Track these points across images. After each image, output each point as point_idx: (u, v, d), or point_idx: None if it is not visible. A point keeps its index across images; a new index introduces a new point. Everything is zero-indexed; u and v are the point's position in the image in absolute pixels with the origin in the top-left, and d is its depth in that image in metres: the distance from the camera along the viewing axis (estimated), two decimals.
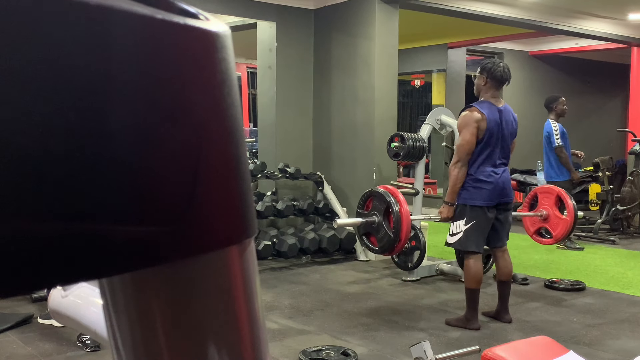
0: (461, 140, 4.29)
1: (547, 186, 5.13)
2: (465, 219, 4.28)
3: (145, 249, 0.27)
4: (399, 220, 4.03)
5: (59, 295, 1.12)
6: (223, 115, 0.30)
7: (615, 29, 9.31)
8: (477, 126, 4.24)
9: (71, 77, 0.25)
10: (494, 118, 4.31)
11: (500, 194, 4.31)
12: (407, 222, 4.05)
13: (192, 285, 0.31)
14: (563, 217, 4.87)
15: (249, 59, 12.08)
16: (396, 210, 4.04)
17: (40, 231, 0.25)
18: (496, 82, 4.40)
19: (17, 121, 0.24)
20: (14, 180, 0.24)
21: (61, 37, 0.25)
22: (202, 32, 0.29)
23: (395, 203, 4.07)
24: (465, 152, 4.25)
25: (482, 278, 4.42)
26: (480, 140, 4.27)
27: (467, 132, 4.25)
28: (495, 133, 4.30)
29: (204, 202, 0.29)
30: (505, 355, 1.91)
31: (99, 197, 0.26)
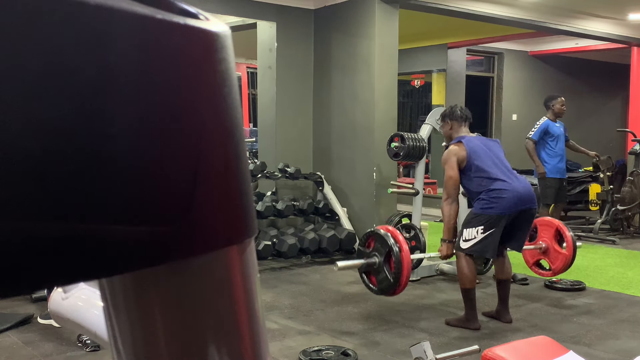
0: (445, 176, 4.42)
1: (547, 219, 5.14)
2: (482, 227, 4.28)
3: (145, 249, 0.27)
4: (399, 265, 4.05)
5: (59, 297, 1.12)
6: (223, 116, 0.30)
7: (615, 29, 9.31)
8: (457, 158, 4.37)
9: (71, 77, 0.25)
10: (472, 141, 4.47)
11: (521, 201, 4.30)
12: (407, 267, 4.07)
13: (192, 285, 0.31)
14: (562, 251, 4.89)
15: (249, 59, 12.08)
16: (397, 255, 4.06)
17: (41, 231, 0.25)
18: (459, 120, 4.63)
19: (17, 121, 0.24)
20: (14, 181, 0.24)
21: (61, 37, 0.25)
22: (202, 32, 0.29)
23: (396, 248, 4.07)
24: (451, 187, 4.36)
25: (475, 277, 4.42)
26: (468, 164, 4.36)
27: (448, 167, 4.38)
28: (480, 149, 4.41)
29: (204, 202, 0.29)
30: (505, 355, 1.91)
31: (99, 197, 0.26)
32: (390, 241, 4.09)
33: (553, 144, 7.40)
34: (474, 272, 4.40)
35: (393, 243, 4.08)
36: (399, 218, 6.09)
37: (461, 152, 4.38)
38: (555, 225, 4.93)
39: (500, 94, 12.51)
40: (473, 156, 4.36)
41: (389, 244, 4.08)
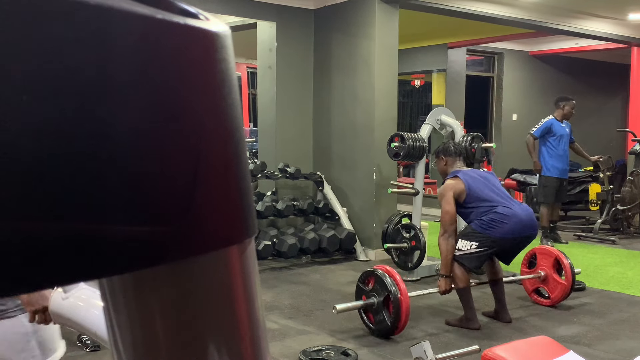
0: (441, 211, 4.42)
1: (545, 247, 5.17)
2: (478, 243, 4.30)
3: (145, 249, 0.27)
4: (398, 309, 4.05)
5: (59, 298, 1.12)
6: (223, 116, 0.30)
7: (615, 29, 9.31)
8: (453, 192, 4.37)
9: (71, 77, 0.25)
10: (468, 174, 4.48)
11: (523, 227, 4.32)
12: (406, 312, 4.07)
13: (192, 285, 0.31)
14: (561, 281, 4.91)
15: (249, 59, 12.08)
16: (396, 299, 4.05)
17: (41, 231, 0.25)
18: (454, 155, 4.67)
19: (16, 121, 0.24)
20: (14, 181, 0.24)
21: (61, 37, 0.25)
22: (202, 32, 0.29)
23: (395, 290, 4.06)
24: (448, 222, 4.35)
25: (466, 276, 4.43)
26: (468, 196, 4.37)
27: (445, 202, 4.38)
28: (477, 181, 4.42)
29: (204, 202, 0.29)
30: (505, 355, 1.91)
31: (98, 197, 0.26)
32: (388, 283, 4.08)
33: (555, 143, 7.41)
34: (464, 271, 4.41)
35: (391, 284, 4.07)
36: (399, 218, 6.09)
37: (458, 186, 4.39)
38: (555, 254, 4.96)
39: (500, 94, 12.51)
40: (472, 188, 4.38)
41: (387, 286, 4.08)
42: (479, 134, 5.81)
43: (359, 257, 6.71)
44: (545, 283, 5.00)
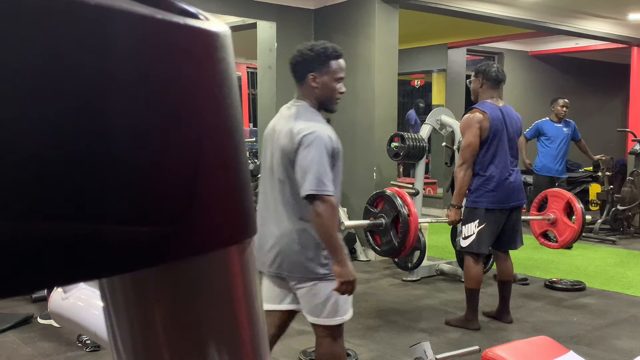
0: (464, 142, 4.30)
1: (558, 190, 5.12)
2: (477, 220, 4.28)
3: (145, 249, 0.27)
4: (407, 228, 3.99)
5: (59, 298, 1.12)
6: (223, 115, 0.30)
7: (615, 29, 9.31)
8: (480, 127, 4.25)
9: (71, 77, 0.25)
10: (496, 116, 4.32)
11: (512, 197, 4.31)
12: (414, 232, 4.01)
13: (192, 285, 0.31)
14: (571, 224, 4.87)
15: (249, 59, 12.08)
16: (405, 218, 4.01)
17: (41, 231, 0.25)
18: (492, 82, 4.43)
19: (17, 121, 0.24)
20: (14, 181, 0.24)
21: (61, 37, 0.25)
22: (202, 32, 0.29)
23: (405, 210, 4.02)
24: (469, 153, 4.25)
25: (482, 279, 4.42)
26: (485, 139, 4.26)
27: (470, 133, 4.25)
28: (499, 131, 4.29)
29: (204, 202, 0.29)
30: (505, 355, 1.91)
31: (99, 197, 0.26)
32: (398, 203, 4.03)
33: (548, 143, 7.51)
34: (480, 273, 4.39)
35: (402, 205, 4.02)
36: None
37: (485, 123, 4.25)
38: (567, 197, 4.90)
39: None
40: (492, 134, 4.25)
41: (397, 206, 4.03)
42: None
43: (359, 257, 6.71)
44: (554, 226, 4.95)
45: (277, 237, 2.67)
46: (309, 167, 2.49)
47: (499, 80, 4.45)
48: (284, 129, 2.64)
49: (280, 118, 2.76)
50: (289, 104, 2.82)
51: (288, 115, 2.70)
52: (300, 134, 2.54)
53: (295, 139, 2.55)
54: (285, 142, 2.59)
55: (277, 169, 2.68)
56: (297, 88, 2.79)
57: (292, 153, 2.55)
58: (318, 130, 2.55)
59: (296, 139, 2.54)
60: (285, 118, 2.70)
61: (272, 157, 2.73)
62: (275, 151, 2.69)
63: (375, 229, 4.19)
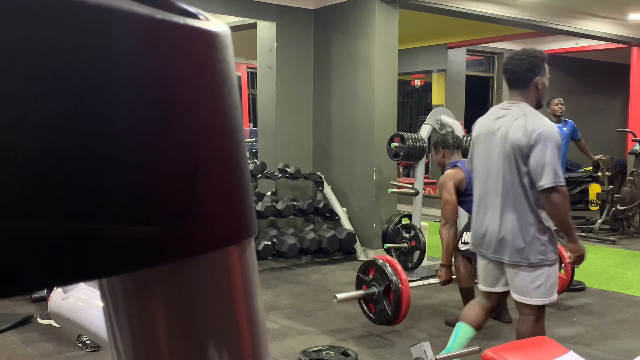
0: (442, 201, 4.39)
1: None
2: None
3: (145, 249, 0.27)
4: (399, 298, 4.04)
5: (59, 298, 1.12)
6: (223, 116, 0.30)
7: (615, 29, 9.31)
8: (454, 182, 4.35)
9: (71, 77, 0.25)
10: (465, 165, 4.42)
11: None
12: (407, 300, 4.06)
13: (192, 285, 0.31)
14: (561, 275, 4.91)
15: (249, 59, 12.08)
16: (397, 288, 4.04)
17: (41, 231, 0.25)
18: (452, 148, 4.65)
19: (17, 121, 0.24)
20: (14, 180, 0.24)
21: (61, 37, 0.25)
22: (202, 32, 0.29)
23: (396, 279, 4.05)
24: (449, 211, 4.31)
25: (471, 277, 4.42)
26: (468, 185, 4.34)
27: (446, 192, 4.35)
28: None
29: (204, 202, 0.29)
30: (505, 355, 1.91)
31: (99, 197, 0.26)
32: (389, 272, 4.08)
33: None
34: (469, 271, 4.41)
35: (392, 274, 4.07)
36: (399, 218, 6.09)
37: (458, 175, 4.38)
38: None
39: (500, 94, 12.50)
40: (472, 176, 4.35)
41: (388, 276, 4.08)
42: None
43: (359, 257, 6.71)
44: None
45: (499, 225, 3.02)
46: (546, 162, 2.84)
47: (457, 145, 4.68)
48: (513, 127, 2.94)
49: (498, 118, 3.06)
50: (504, 105, 3.13)
51: (512, 115, 2.99)
52: (535, 132, 2.87)
53: (531, 136, 2.87)
54: (518, 138, 2.91)
55: (503, 163, 2.99)
56: (514, 91, 3.06)
57: (527, 148, 2.89)
58: (549, 128, 2.92)
59: (532, 136, 2.87)
60: (510, 118, 2.99)
61: (493, 153, 3.05)
62: (498, 147, 3.01)
63: (369, 298, 4.24)
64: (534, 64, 3.03)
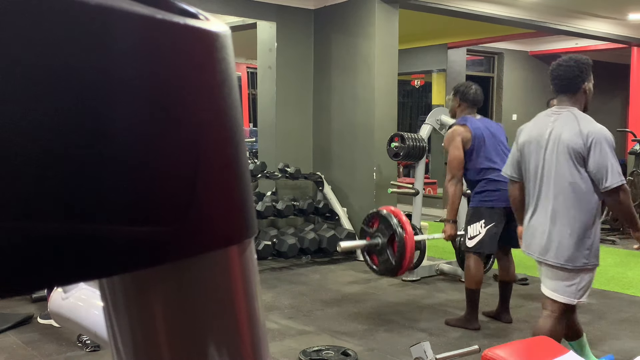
0: (449, 156, 4.38)
1: None
2: (484, 220, 4.28)
3: (145, 249, 0.27)
4: (403, 248, 3.99)
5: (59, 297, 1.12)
6: (223, 116, 0.30)
7: (615, 29, 9.31)
8: (461, 138, 4.32)
9: (71, 77, 0.25)
10: (476, 125, 4.41)
11: None
12: (411, 251, 4.01)
13: (192, 285, 0.31)
14: None
15: (249, 59, 12.08)
16: (401, 238, 4.00)
17: (41, 231, 0.25)
18: (470, 103, 4.53)
19: (16, 121, 0.24)
20: (14, 180, 0.24)
21: (61, 37, 0.25)
22: (202, 32, 0.29)
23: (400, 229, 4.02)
24: (456, 167, 4.31)
25: (482, 278, 4.42)
26: (471, 147, 4.33)
27: (453, 147, 4.33)
28: (484, 136, 4.36)
29: (204, 202, 0.29)
30: (505, 355, 1.91)
31: (99, 197, 0.26)
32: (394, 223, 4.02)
33: None
34: (481, 273, 4.39)
35: (397, 225, 4.02)
36: None
37: (467, 134, 4.33)
38: None
39: (500, 94, 12.51)
40: (477, 141, 4.31)
41: (392, 226, 4.02)
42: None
43: (359, 257, 6.70)
44: None
45: (549, 229, 3.11)
46: (608, 163, 2.97)
47: (475, 103, 4.55)
48: (566, 130, 3.07)
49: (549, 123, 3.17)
50: (553, 110, 3.25)
51: (564, 119, 3.12)
52: (590, 135, 3.01)
53: (586, 139, 3.01)
54: (573, 141, 3.03)
55: (555, 167, 3.08)
56: (563, 96, 3.20)
57: (582, 150, 3.01)
58: (602, 130, 3.05)
59: (588, 140, 3.01)
60: (562, 122, 3.11)
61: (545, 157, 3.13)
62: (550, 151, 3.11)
63: (372, 249, 4.19)
64: (582, 70, 3.21)
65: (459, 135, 4.33)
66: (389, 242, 4.07)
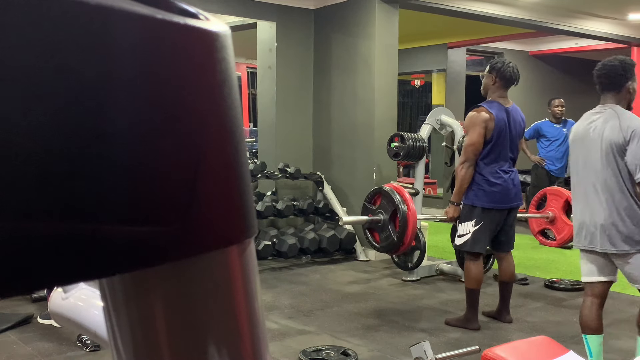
0: (468, 140, 4.27)
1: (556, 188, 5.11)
2: (475, 220, 4.27)
3: (145, 249, 0.27)
4: (405, 224, 3.96)
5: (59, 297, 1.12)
6: (223, 116, 0.30)
7: (615, 29, 9.31)
8: (485, 126, 4.22)
9: (71, 77, 0.25)
10: (502, 117, 4.28)
11: (510, 198, 4.31)
12: (413, 227, 3.98)
13: (192, 285, 0.31)
14: (569, 222, 4.86)
15: (249, 59, 12.08)
16: (404, 214, 3.98)
17: (41, 231, 0.25)
18: (505, 82, 4.33)
19: (17, 121, 0.24)
20: (14, 180, 0.24)
21: (61, 37, 0.25)
22: (202, 32, 0.29)
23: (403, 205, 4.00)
24: (472, 152, 4.23)
25: (482, 278, 4.42)
26: (489, 140, 4.24)
27: (475, 132, 4.22)
28: (503, 133, 4.28)
29: (204, 202, 0.29)
30: (505, 355, 1.91)
31: (99, 197, 0.26)
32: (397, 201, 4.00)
33: (546, 144, 7.50)
34: (481, 273, 4.39)
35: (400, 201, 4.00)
36: None
37: (490, 124, 4.22)
38: (566, 196, 4.88)
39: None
40: (495, 135, 4.24)
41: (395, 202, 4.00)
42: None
43: (359, 257, 6.71)
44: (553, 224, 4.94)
45: (605, 217, 3.24)
46: None
47: (512, 81, 4.36)
48: (609, 127, 3.24)
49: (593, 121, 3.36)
50: (597, 109, 3.42)
51: (606, 116, 3.29)
52: (630, 129, 3.17)
53: (626, 133, 3.17)
54: (615, 136, 3.19)
55: (602, 162, 3.23)
56: (607, 94, 3.38)
57: (624, 145, 3.17)
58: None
59: (628, 133, 3.17)
60: (604, 119, 3.28)
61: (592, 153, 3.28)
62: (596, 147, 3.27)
63: (374, 225, 4.16)
64: (626, 70, 3.31)
65: (483, 122, 4.20)
66: (391, 218, 4.05)
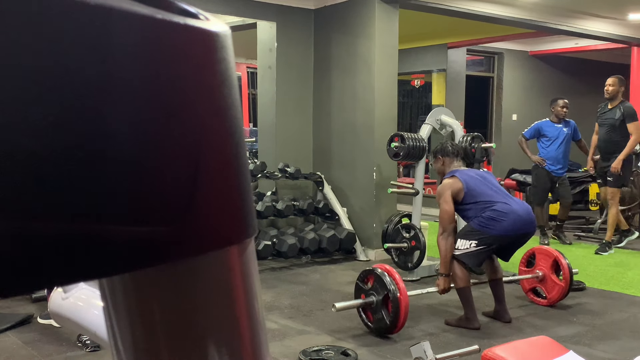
0: (440, 212, 4.42)
1: (545, 247, 5.17)
2: (477, 241, 4.29)
3: (145, 249, 0.27)
4: (397, 307, 4.03)
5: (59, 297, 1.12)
6: (223, 116, 0.30)
7: (615, 29, 9.31)
8: (451, 191, 4.37)
9: (71, 77, 0.25)
10: (465, 173, 4.50)
11: (522, 223, 4.32)
12: (405, 310, 4.05)
13: (192, 285, 0.31)
14: (558, 282, 4.91)
15: (249, 59, 12.08)
16: (395, 298, 4.04)
17: (41, 231, 0.25)
18: (451, 156, 4.67)
19: (17, 121, 0.24)
20: (14, 180, 0.24)
21: (61, 36, 0.25)
22: (202, 32, 0.29)
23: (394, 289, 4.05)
24: (447, 221, 4.34)
25: (467, 276, 4.43)
26: (466, 195, 4.38)
27: (443, 201, 4.38)
28: (474, 180, 4.44)
29: (204, 202, 0.29)
30: (505, 355, 1.91)
31: (99, 197, 0.26)
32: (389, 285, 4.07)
33: (546, 144, 7.49)
34: (466, 272, 4.41)
35: (390, 282, 4.06)
36: (399, 218, 6.09)
37: (456, 185, 4.39)
38: (553, 255, 4.96)
39: (500, 94, 12.51)
40: (469, 186, 4.39)
41: (387, 287, 4.07)
42: (478, 134, 5.81)
43: (359, 257, 6.71)
44: (543, 283, 5.01)
45: None
46: None
47: (456, 153, 4.70)
48: None
49: None
50: None
51: None
52: None
53: None
54: None
55: None
56: None
57: None
58: None
59: None
60: None
61: None
62: None
63: (368, 306, 4.24)
64: None
65: (448, 188, 4.39)
66: (384, 301, 4.12)
